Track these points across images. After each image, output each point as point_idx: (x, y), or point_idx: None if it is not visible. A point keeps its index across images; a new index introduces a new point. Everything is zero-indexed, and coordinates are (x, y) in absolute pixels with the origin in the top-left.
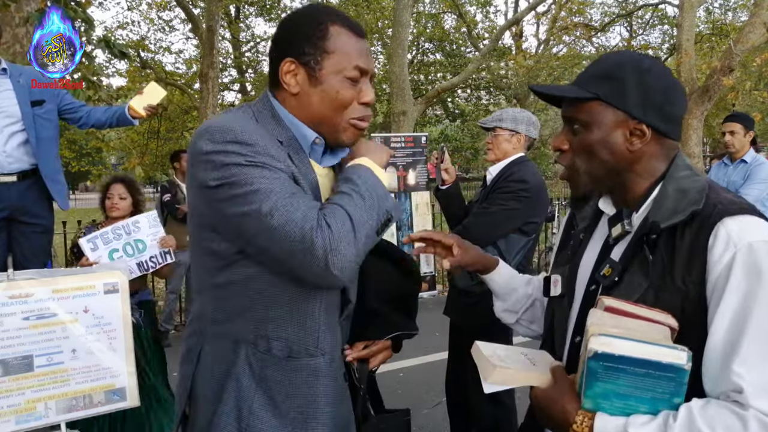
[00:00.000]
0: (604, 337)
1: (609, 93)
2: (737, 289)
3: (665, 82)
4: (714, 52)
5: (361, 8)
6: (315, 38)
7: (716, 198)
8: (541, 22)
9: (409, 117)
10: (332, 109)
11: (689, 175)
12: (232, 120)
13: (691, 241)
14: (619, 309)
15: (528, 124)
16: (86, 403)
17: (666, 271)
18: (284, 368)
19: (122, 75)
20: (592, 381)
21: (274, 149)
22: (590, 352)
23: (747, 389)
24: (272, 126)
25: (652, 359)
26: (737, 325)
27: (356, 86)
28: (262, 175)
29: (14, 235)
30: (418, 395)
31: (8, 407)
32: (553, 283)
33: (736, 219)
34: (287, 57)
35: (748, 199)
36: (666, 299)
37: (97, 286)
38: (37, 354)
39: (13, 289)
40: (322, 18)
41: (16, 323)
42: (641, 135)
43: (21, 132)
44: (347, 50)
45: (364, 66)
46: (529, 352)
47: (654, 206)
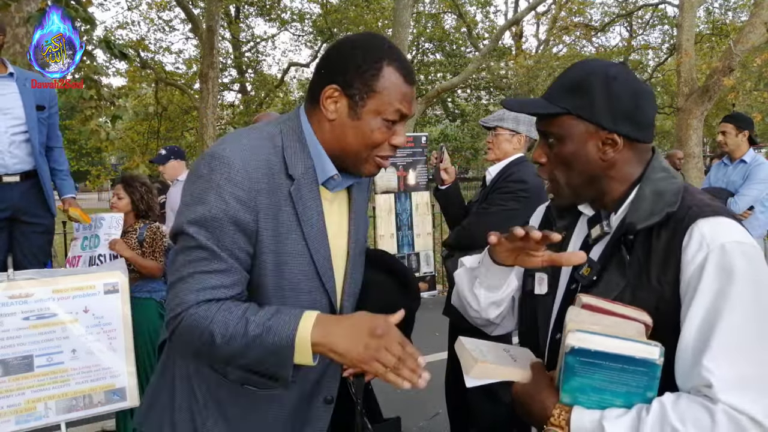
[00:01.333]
0: (581, 333)
1: (578, 106)
2: (709, 288)
3: (632, 88)
4: (714, 52)
5: (361, 8)
6: (367, 75)
7: (691, 200)
8: (541, 22)
9: None
10: (363, 145)
11: (665, 177)
12: (241, 153)
13: (666, 241)
14: (597, 306)
15: (529, 125)
16: (86, 403)
17: (642, 270)
18: (238, 392)
19: (122, 75)
20: (570, 375)
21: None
22: (567, 347)
23: (716, 384)
24: (294, 152)
25: (626, 354)
26: (708, 322)
27: (392, 128)
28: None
29: (15, 235)
30: (418, 395)
31: (8, 407)
32: (538, 281)
33: (709, 221)
34: (334, 83)
35: (747, 200)
36: (642, 297)
37: (97, 286)
38: (37, 354)
39: (13, 289)
40: (380, 55)
41: (16, 323)
42: (613, 144)
43: (24, 134)
44: (394, 94)
45: (405, 111)
46: (512, 348)
47: (631, 208)
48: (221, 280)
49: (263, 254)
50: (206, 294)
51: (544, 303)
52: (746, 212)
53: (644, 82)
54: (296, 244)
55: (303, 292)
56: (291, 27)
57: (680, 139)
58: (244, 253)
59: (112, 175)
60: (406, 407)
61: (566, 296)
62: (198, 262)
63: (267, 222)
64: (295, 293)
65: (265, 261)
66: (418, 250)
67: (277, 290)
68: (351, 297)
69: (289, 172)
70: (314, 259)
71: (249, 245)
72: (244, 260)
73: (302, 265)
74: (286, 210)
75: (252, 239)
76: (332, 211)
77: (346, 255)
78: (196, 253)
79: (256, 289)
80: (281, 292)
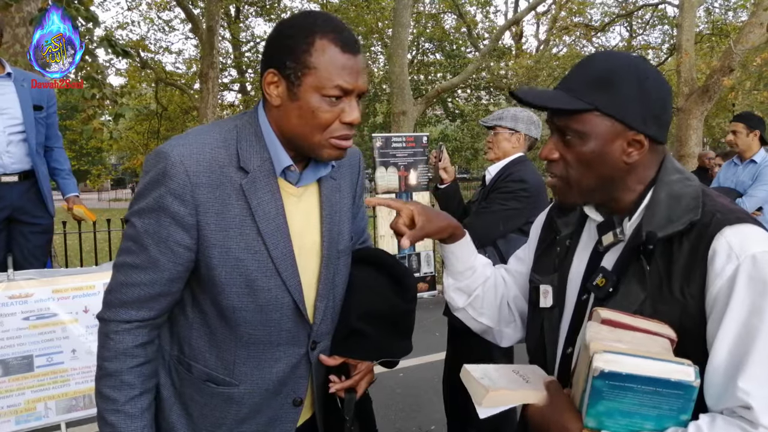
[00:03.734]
0: (609, 354)
1: (607, 104)
2: (742, 302)
3: (663, 90)
4: (714, 52)
5: (361, 9)
6: (299, 51)
7: (713, 206)
8: (541, 22)
9: (409, 117)
10: (310, 127)
11: (680, 179)
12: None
13: (689, 251)
14: (617, 321)
15: (528, 123)
16: (86, 403)
17: (663, 282)
18: (201, 389)
19: (122, 74)
20: (597, 400)
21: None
22: (596, 371)
23: (756, 407)
24: (250, 145)
25: (661, 377)
26: (743, 339)
27: (337, 105)
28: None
29: (14, 236)
30: (418, 395)
31: (8, 407)
32: (542, 293)
33: (736, 228)
34: (270, 67)
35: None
36: (664, 311)
37: (97, 286)
38: (37, 354)
39: (13, 289)
40: (310, 29)
41: (16, 323)
42: (639, 145)
43: (21, 133)
44: (330, 68)
45: (346, 86)
46: (520, 368)
47: (647, 214)
48: (142, 289)
49: (208, 248)
50: (127, 313)
51: (550, 316)
52: (754, 213)
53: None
54: (250, 239)
55: (261, 289)
56: None
57: (680, 139)
58: (182, 247)
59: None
60: (406, 404)
61: (577, 308)
62: (129, 253)
63: (208, 216)
64: (251, 290)
65: (210, 255)
66: (419, 251)
67: (231, 286)
68: (326, 299)
69: (242, 165)
70: (272, 256)
71: (188, 239)
72: (179, 254)
73: (259, 261)
74: (238, 204)
75: (191, 233)
76: (298, 206)
77: (318, 254)
78: (130, 243)
79: (210, 283)
80: (236, 288)
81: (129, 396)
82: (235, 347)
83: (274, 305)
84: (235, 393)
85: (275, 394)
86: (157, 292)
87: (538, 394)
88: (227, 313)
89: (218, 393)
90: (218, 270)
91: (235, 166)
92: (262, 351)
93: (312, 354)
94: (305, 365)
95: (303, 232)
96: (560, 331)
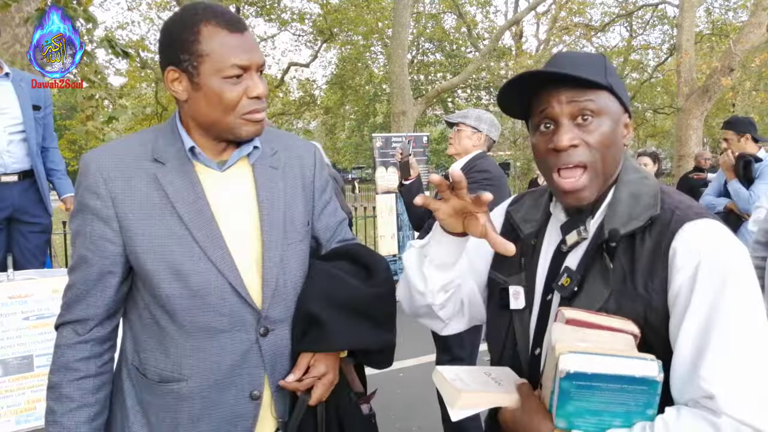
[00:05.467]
0: (574, 354)
1: (613, 84)
2: (704, 296)
3: None
4: (714, 52)
5: (361, 9)
6: (188, 43)
7: (672, 202)
8: (541, 22)
9: (409, 117)
10: (220, 110)
11: (639, 179)
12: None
13: (652, 247)
14: (581, 320)
15: (490, 125)
16: None
17: (627, 278)
18: (155, 392)
19: (122, 74)
20: (565, 400)
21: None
22: (562, 372)
23: (718, 395)
24: (165, 140)
25: (626, 374)
26: (705, 331)
27: (240, 84)
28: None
29: (13, 235)
30: (418, 395)
31: (8, 407)
32: (513, 295)
33: (696, 224)
34: (168, 66)
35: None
36: (628, 307)
37: None
38: (37, 354)
39: (13, 289)
40: (194, 20)
41: (16, 323)
42: (628, 129)
43: (21, 133)
44: (222, 50)
45: (242, 63)
46: (492, 370)
47: (609, 212)
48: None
49: (132, 238)
50: (68, 313)
51: (521, 318)
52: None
53: None
54: (172, 224)
55: (190, 273)
56: (291, 27)
57: (680, 139)
58: (104, 240)
59: None
60: (406, 404)
61: (543, 309)
62: (74, 249)
63: (126, 206)
64: (179, 275)
65: (135, 244)
66: None
67: (159, 273)
68: (273, 283)
69: (155, 157)
70: (196, 239)
71: (109, 231)
72: (103, 247)
73: (183, 245)
74: (156, 193)
75: (112, 225)
76: (225, 191)
77: (258, 238)
78: (72, 238)
79: (143, 275)
80: (165, 274)
81: (67, 408)
82: (180, 339)
83: (207, 289)
84: (185, 388)
85: (228, 387)
86: (89, 288)
87: (510, 396)
88: (164, 303)
89: (169, 391)
90: (144, 257)
91: (149, 159)
92: (207, 339)
93: (263, 341)
94: (256, 353)
95: (236, 215)
96: (529, 332)
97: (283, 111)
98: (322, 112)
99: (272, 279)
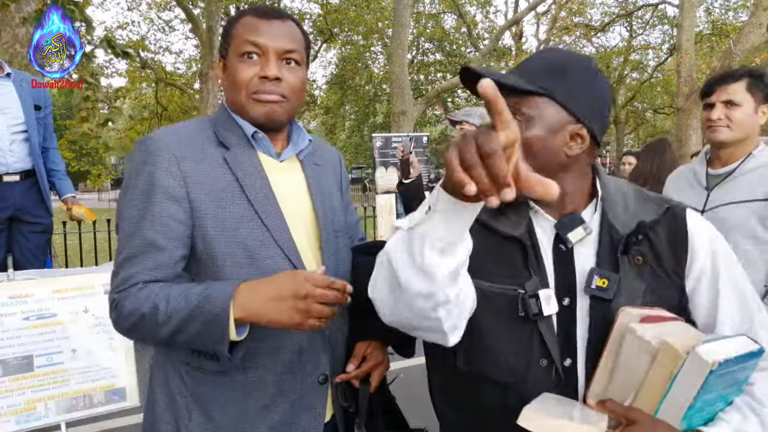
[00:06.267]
0: (705, 345)
1: (558, 90)
2: (726, 272)
3: (608, 93)
4: (714, 52)
5: (361, 9)
6: (227, 32)
7: (658, 195)
8: (541, 22)
9: (409, 117)
10: (236, 89)
11: (610, 177)
12: (159, 133)
13: (669, 234)
14: (655, 315)
15: None
16: (86, 403)
17: (657, 269)
18: (217, 384)
19: (122, 75)
20: (702, 395)
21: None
22: (714, 364)
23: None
24: (224, 126)
25: (748, 351)
26: (742, 300)
27: (256, 64)
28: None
29: (14, 235)
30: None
31: (8, 407)
32: (544, 299)
33: (689, 211)
34: (220, 58)
35: None
36: (666, 296)
37: (96, 286)
38: (37, 354)
39: (13, 289)
40: (239, 14)
41: (16, 323)
42: (581, 140)
43: (23, 133)
44: (244, 30)
45: (256, 40)
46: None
47: (606, 208)
48: (158, 258)
49: (202, 219)
50: (147, 274)
51: (548, 325)
52: None
53: None
54: (243, 209)
55: (261, 258)
56: None
57: (680, 139)
58: (175, 221)
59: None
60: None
61: (564, 314)
62: (130, 237)
63: (197, 186)
64: (252, 260)
65: (206, 227)
66: None
67: (231, 256)
68: (332, 274)
69: (220, 140)
70: (265, 223)
71: (181, 212)
72: (175, 228)
73: (254, 230)
74: (224, 177)
75: (183, 205)
76: (283, 181)
77: (315, 231)
78: (130, 226)
79: (210, 260)
80: (237, 258)
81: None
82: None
83: (275, 273)
84: (253, 378)
85: (297, 371)
86: (163, 275)
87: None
88: None
89: (237, 382)
90: (216, 241)
91: (214, 144)
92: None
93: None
94: (320, 336)
95: (292, 205)
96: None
97: None
98: (322, 112)
99: (331, 267)
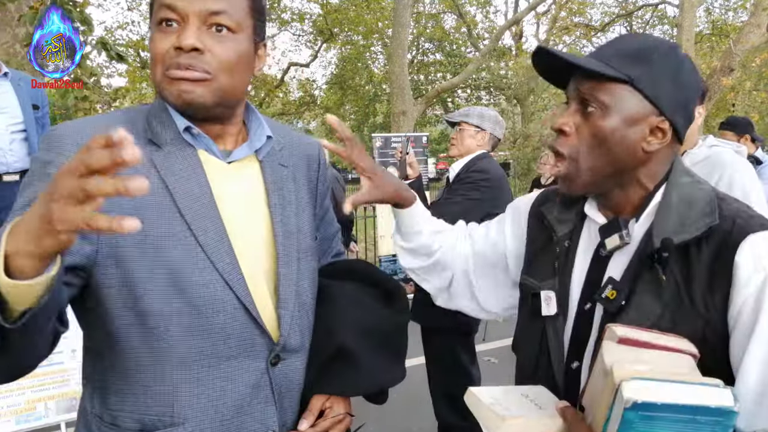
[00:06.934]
0: (639, 381)
1: (642, 78)
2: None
3: (697, 83)
4: (714, 52)
5: (361, 9)
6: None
7: (731, 211)
8: (541, 22)
9: (409, 117)
10: (152, 66)
11: (692, 182)
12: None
13: (711, 259)
14: (635, 339)
15: (494, 123)
16: None
17: (682, 292)
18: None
19: (122, 75)
20: (626, 431)
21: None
22: (627, 401)
23: None
24: (159, 119)
25: (699, 404)
26: None
27: (173, 32)
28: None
29: None
30: (418, 395)
31: (8, 407)
32: (545, 300)
33: (760, 236)
34: None
35: None
36: (685, 325)
37: None
38: None
39: None
40: None
41: None
42: (662, 135)
43: (22, 132)
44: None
45: (170, 1)
46: (528, 390)
47: (657, 217)
48: None
49: (117, 236)
50: None
51: (555, 326)
52: None
53: None
54: (172, 223)
55: (194, 284)
56: (291, 27)
57: None
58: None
59: None
60: (405, 404)
61: (581, 319)
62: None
63: None
64: (180, 287)
65: (123, 245)
66: None
67: (155, 282)
68: (291, 306)
69: (151, 138)
70: (200, 242)
71: None
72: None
73: (185, 248)
74: (151, 182)
75: None
76: (230, 188)
77: (272, 250)
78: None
79: (130, 285)
80: (162, 284)
81: None
82: (173, 370)
83: (213, 305)
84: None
85: (237, 428)
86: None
87: (554, 421)
88: (155, 323)
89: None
90: (136, 263)
91: (142, 141)
92: (209, 368)
93: (273, 371)
94: (267, 386)
95: (241, 219)
96: (564, 343)
97: (283, 111)
98: (322, 112)
99: (290, 299)
